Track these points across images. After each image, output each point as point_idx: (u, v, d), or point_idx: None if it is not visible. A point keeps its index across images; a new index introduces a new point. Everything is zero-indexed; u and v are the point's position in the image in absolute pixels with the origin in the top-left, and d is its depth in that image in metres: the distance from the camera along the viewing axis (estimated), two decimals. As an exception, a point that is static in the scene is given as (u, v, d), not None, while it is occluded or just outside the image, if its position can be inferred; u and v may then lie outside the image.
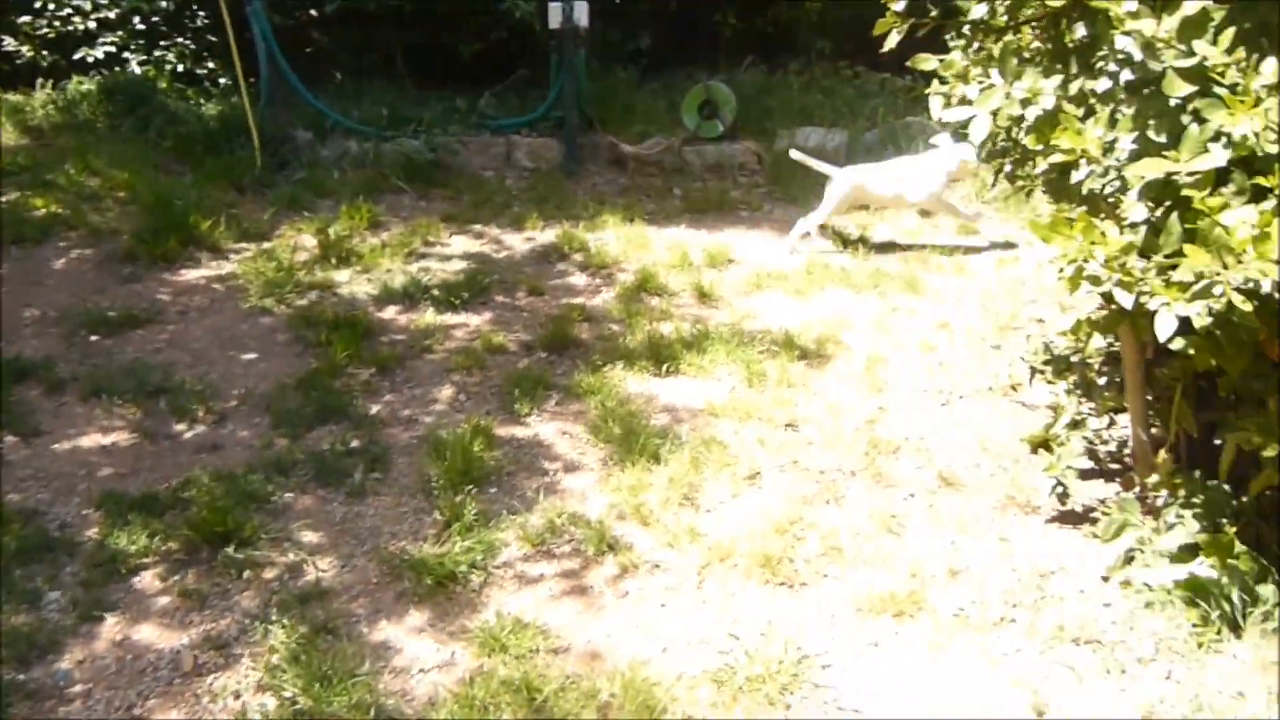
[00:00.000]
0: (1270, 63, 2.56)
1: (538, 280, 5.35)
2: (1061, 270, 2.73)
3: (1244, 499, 3.05)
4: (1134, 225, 2.76)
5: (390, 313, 4.99)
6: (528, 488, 3.56)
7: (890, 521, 3.32)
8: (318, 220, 6.05)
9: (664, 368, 4.33)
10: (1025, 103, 3.11)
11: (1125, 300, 2.62)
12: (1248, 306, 2.46)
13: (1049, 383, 3.97)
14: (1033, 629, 2.86)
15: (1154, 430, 3.41)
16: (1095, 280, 2.67)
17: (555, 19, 7.24)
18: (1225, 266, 2.47)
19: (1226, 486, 3.08)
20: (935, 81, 3.47)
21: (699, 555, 3.16)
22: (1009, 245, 5.79)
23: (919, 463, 3.67)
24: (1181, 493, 3.13)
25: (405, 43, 8.74)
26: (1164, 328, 2.53)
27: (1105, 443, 3.70)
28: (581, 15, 7.24)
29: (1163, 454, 3.22)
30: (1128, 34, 2.86)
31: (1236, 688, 2.66)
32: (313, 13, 8.70)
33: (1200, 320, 2.54)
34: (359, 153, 7.24)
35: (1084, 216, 2.69)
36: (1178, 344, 2.90)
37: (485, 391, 4.24)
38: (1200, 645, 2.79)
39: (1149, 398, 3.46)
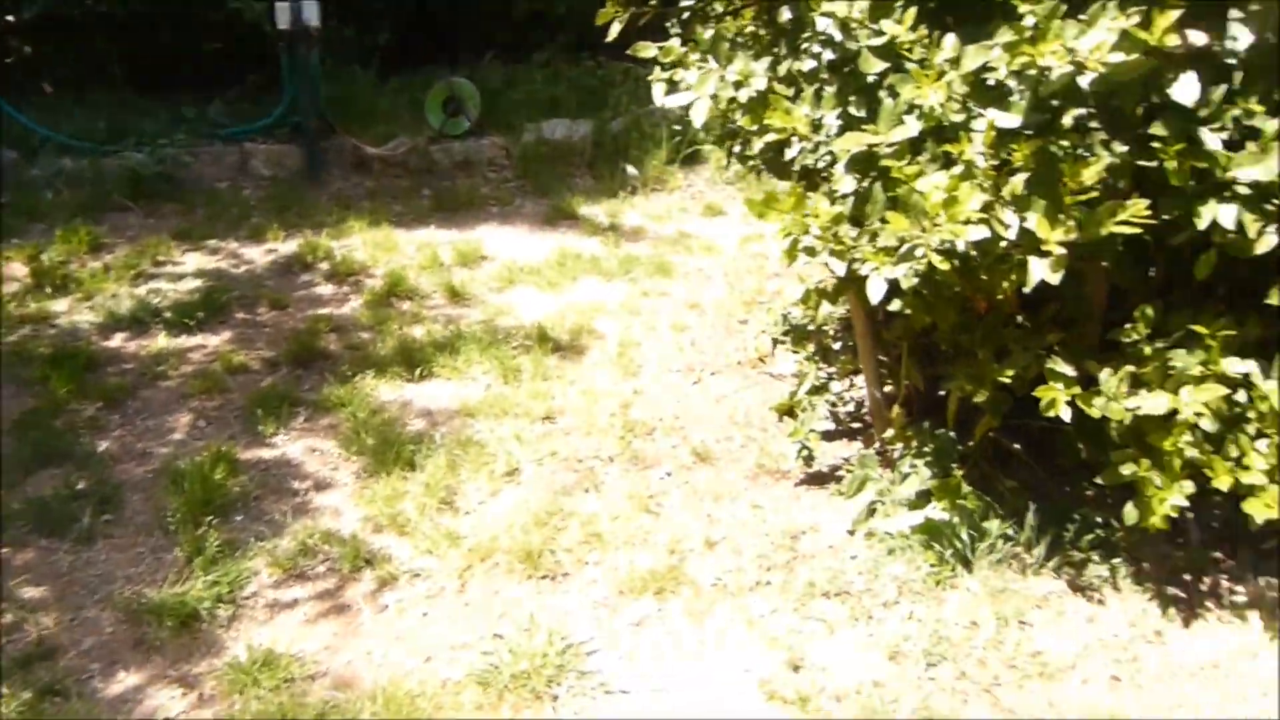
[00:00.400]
0: (950, 38, 2.75)
1: (281, 293, 5.10)
2: (780, 244, 2.85)
3: (970, 444, 3.29)
4: (844, 196, 2.92)
5: (117, 340, 4.62)
6: (276, 511, 3.38)
7: (648, 502, 3.38)
8: (29, 247, 5.51)
9: (417, 372, 4.23)
10: (738, 85, 3.22)
11: (839, 268, 2.76)
12: (946, 265, 2.64)
13: (793, 352, 4.16)
14: (786, 588, 2.99)
15: (888, 388, 3.62)
16: (811, 251, 2.80)
17: (284, 20, 6.89)
18: (924, 230, 2.63)
19: (953, 434, 3.31)
20: (657, 68, 3.54)
21: (460, 558, 3.11)
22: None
23: (674, 441, 3.75)
24: (914, 444, 3.34)
25: (123, 49, 8.10)
26: (875, 291, 2.68)
27: (846, 404, 3.89)
28: (312, 14, 6.93)
29: (896, 409, 3.42)
30: (826, 15, 3.02)
31: (970, 618, 2.87)
32: (10, 19, 7.93)
33: (907, 281, 2.71)
34: (75, 170, 6.65)
35: (795, 191, 2.81)
36: (896, 305, 3.10)
37: (227, 415, 4.00)
38: (937, 583, 3.00)
39: (881, 358, 3.67)
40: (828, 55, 3.08)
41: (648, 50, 3.49)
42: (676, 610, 2.90)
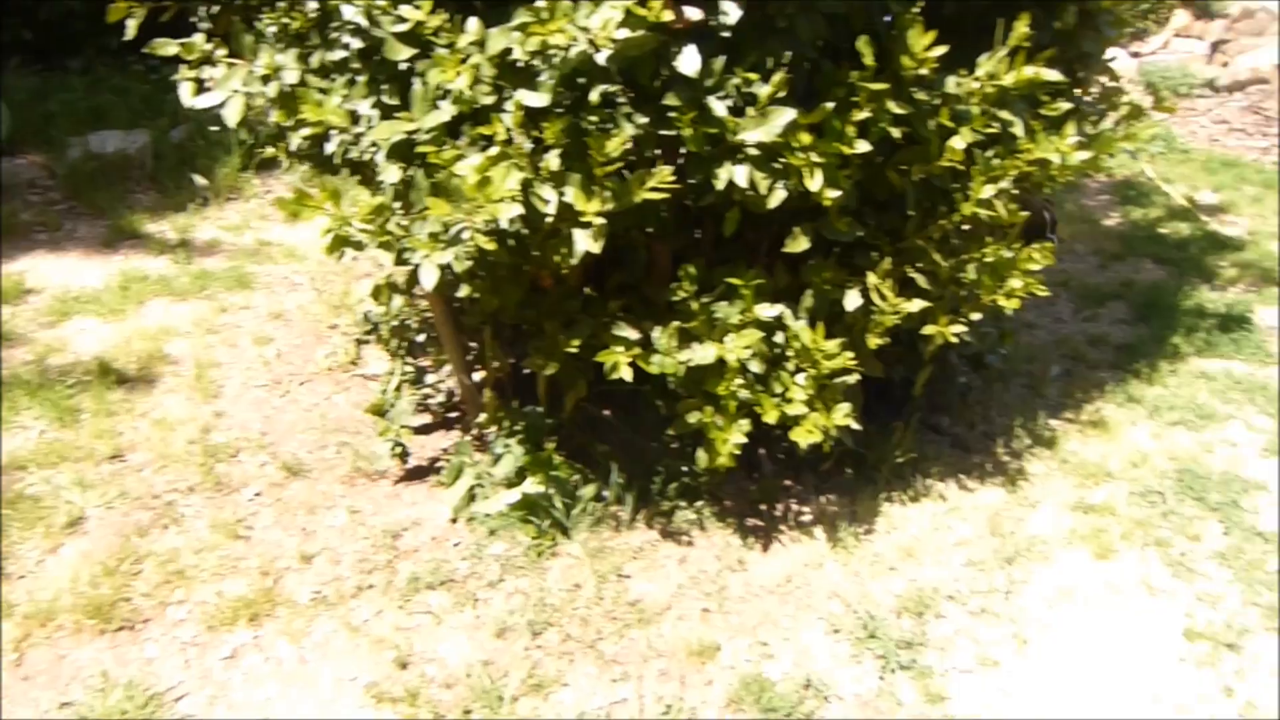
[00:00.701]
0: (473, 21, 2.78)
1: None
2: (322, 241, 2.77)
3: (564, 416, 3.39)
4: (389, 186, 2.88)
5: None
6: None
7: (236, 527, 3.17)
8: None
9: (-53, 430, 3.69)
10: (266, 79, 3.08)
11: (387, 259, 2.73)
12: (494, 245, 2.69)
13: (386, 350, 4.07)
14: (390, 587, 2.93)
15: (479, 374, 3.65)
16: (357, 245, 2.75)
17: None
18: (466, 213, 2.66)
19: (543, 409, 3.40)
20: (183, 68, 3.31)
21: (14, 629, 2.73)
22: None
23: (262, 459, 3.55)
24: (507, 424, 3.39)
25: None
26: (427, 278, 2.67)
27: (439, 395, 3.88)
28: None
29: (488, 393, 3.46)
30: (351, 2, 2.95)
31: (572, 581, 2.98)
32: None
33: (460, 265, 2.73)
34: None
35: (327, 185, 2.73)
36: (465, 290, 3.12)
37: None
38: (539, 555, 3.07)
39: (471, 344, 3.70)
40: (356, 44, 3.02)
41: (167, 48, 3.24)
42: (273, 633, 2.75)
